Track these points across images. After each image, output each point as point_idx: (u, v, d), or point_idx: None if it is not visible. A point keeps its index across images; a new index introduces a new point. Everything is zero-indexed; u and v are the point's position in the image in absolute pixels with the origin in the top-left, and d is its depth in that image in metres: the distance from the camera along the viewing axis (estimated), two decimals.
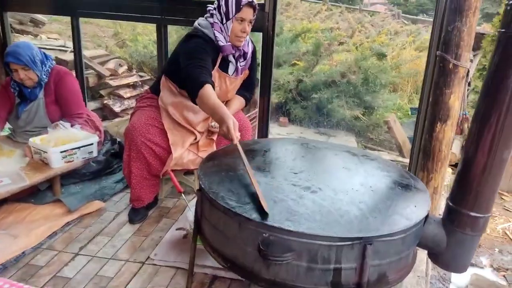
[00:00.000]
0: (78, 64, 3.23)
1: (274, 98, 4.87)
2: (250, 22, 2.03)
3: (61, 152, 2.33)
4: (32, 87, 2.47)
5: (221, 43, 2.01)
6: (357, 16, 10.36)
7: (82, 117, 2.59)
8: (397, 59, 5.54)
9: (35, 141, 2.38)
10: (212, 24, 2.03)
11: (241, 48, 2.11)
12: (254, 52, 2.27)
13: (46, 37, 5.12)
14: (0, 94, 2.55)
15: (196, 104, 1.84)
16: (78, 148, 2.42)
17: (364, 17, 10.17)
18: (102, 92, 4.19)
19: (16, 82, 2.46)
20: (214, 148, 2.28)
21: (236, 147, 1.61)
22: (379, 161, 1.77)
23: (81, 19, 3.11)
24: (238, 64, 2.16)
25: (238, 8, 1.95)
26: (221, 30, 2.01)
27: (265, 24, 2.53)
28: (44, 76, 2.48)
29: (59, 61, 4.06)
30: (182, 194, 2.04)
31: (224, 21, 1.99)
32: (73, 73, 2.92)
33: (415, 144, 2.44)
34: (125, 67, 4.67)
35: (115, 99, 4.15)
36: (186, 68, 1.89)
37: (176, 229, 2.19)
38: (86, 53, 4.29)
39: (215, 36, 2.02)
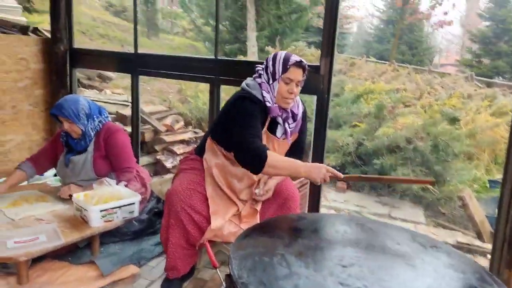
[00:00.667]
0: (135, 119, 3.29)
1: (332, 160, 4.61)
2: (299, 83, 1.90)
3: (101, 211, 2.26)
4: (78, 139, 2.52)
5: (268, 104, 1.91)
6: (426, 77, 9.96)
7: (131, 172, 2.55)
8: (471, 125, 5.05)
9: (79, 197, 2.34)
10: (260, 85, 1.93)
11: (289, 110, 1.97)
12: (304, 114, 2.11)
13: (110, 92, 5.45)
14: (50, 143, 2.65)
15: (252, 171, 1.79)
16: (119, 207, 2.33)
17: (433, 79, 9.74)
18: (157, 147, 4.24)
19: (65, 132, 2.54)
20: (257, 220, 2.07)
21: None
22: (453, 256, 1.43)
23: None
24: (287, 126, 2.00)
25: (285, 69, 1.86)
26: (268, 91, 1.92)
27: (319, 86, 2.37)
28: (91, 130, 2.50)
29: (120, 116, 4.21)
30: (218, 270, 1.83)
31: (271, 81, 1.90)
32: (129, 128, 2.95)
33: (499, 229, 2.00)
34: (182, 123, 4.75)
35: (168, 154, 4.17)
36: (241, 141, 1.79)
37: None
38: (146, 108, 4.43)
39: (263, 97, 1.91)
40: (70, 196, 2.43)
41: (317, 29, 14.88)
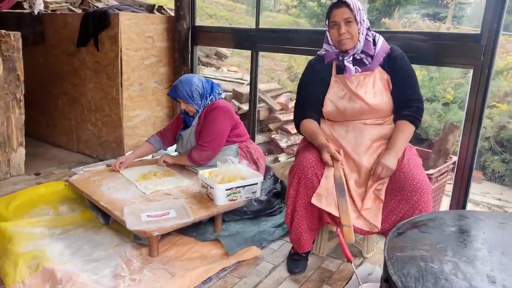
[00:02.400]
0: (253, 97, 3.21)
1: None
2: (347, 22, 1.87)
3: (227, 190, 2.22)
4: (193, 116, 2.61)
5: (323, 52, 2.01)
6: None
7: (204, 150, 2.51)
8: None
9: (204, 174, 2.35)
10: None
11: (356, 49, 1.91)
12: (393, 56, 1.91)
13: (227, 70, 5.50)
14: (176, 119, 2.81)
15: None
16: (243, 187, 2.28)
17: None
18: (271, 126, 4.15)
19: (183, 109, 2.65)
20: (380, 209, 1.85)
21: None
22: None
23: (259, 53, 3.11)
24: (348, 63, 1.92)
25: (328, 15, 1.93)
26: (327, 41, 2.00)
27: (479, 59, 1.97)
28: (202, 108, 2.57)
29: (236, 93, 4.20)
30: (352, 264, 1.67)
31: (327, 32, 1.97)
32: (246, 106, 2.89)
33: None
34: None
35: (283, 134, 4.05)
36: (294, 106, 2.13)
37: None
38: (260, 86, 4.35)
39: (322, 50, 2.02)
40: (166, 163, 2.67)
41: (431, 0, 13.36)
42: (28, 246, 2.09)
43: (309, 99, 2.02)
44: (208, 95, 2.57)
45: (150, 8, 3.66)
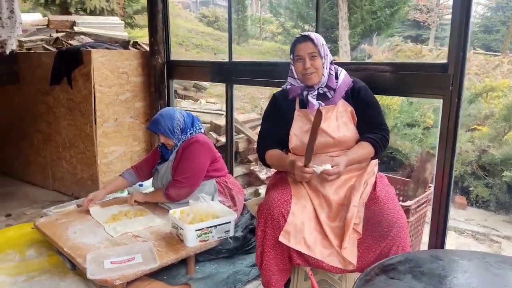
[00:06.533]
0: (229, 129, 3.17)
1: None
2: (312, 56, 1.86)
3: (197, 230, 2.13)
4: (171, 150, 2.56)
5: (288, 86, 1.98)
6: None
7: (178, 186, 2.43)
8: None
9: (175, 213, 2.26)
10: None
11: (320, 85, 1.89)
12: (356, 88, 1.92)
13: (205, 102, 5.48)
14: (152, 153, 2.75)
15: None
16: (215, 226, 2.19)
17: None
18: (250, 157, 4.09)
19: (161, 143, 2.59)
20: (355, 244, 1.76)
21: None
22: None
23: None
24: (311, 98, 1.88)
25: (293, 49, 1.91)
26: (291, 75, 1.98)
27: (447, 88, 1.95)
28: (181, 142, 2.51)
29: (214, 126, 4.16)
30: None
31: (292, 65, 1.95)
32: (223, 138, 2.83)
33: None
34: None
35: (262, 165, 3.99)
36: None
37: None
38: (239, 117, 4.32)
39: (287, 83, 1.99)
40: (136, 202, 2.58)
41: (412, 22, 13.75)
42: None
43: (272, 132, 2.00)
44: (188, 130, 2.52)
45: (125, 44, 3.64)
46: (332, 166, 1.72)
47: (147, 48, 3.55)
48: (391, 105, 4.51)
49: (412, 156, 4.17)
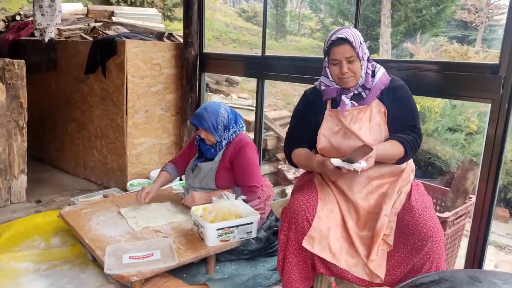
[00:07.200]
0: (258, 126, 3.08)
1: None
2: (350, 61, 1.71)
3: (218, 229, 2.07)
4: (210, 146, 2.46)
5: (323, 87, 1.84)
6: None
7: (255, 191, 2.37)
8: None
9: (197, 210, 2.20)
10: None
11: (357, 87, 1.76)
12: (391, 87, 1.77)
13: (236, 96, 5.41)
14: (188, 146, 2.67)
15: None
16: (236, 226, 2.12)
17: None
18: (279, 155, 3.99)
19: (199, 137, 2.50)
20: (385, 257, 1.64)
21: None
22: None
23: None
24: (345, 99, 1.77)
25: (327, 52, 1.76)
26: (326, 74, 1.83)
27: (497, 92, 1.76)
28: (224, 141, 2.40)
29: (244, 122, 4.07)
30: None
31: (326, 65, 1.81)
32: (251, 134, 2.77)
33: None
34: None
35: (290, 165, 3.89)
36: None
37: None
38: (270, 114, 4.23)
39: (320, 82, 1.86)
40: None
41: (459, 22, 13.06)
42: (6, 286, 1.99)
43: (301, 130, 1.91)
44: (231, 127, 2.43)
45: (160, 36, 3.62)
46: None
47: (181, 41, 3.52)
48: (432, 107, 4.27)
49: (452, 163, 3.92)
